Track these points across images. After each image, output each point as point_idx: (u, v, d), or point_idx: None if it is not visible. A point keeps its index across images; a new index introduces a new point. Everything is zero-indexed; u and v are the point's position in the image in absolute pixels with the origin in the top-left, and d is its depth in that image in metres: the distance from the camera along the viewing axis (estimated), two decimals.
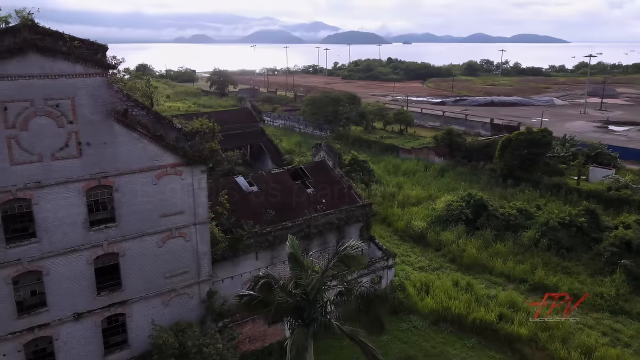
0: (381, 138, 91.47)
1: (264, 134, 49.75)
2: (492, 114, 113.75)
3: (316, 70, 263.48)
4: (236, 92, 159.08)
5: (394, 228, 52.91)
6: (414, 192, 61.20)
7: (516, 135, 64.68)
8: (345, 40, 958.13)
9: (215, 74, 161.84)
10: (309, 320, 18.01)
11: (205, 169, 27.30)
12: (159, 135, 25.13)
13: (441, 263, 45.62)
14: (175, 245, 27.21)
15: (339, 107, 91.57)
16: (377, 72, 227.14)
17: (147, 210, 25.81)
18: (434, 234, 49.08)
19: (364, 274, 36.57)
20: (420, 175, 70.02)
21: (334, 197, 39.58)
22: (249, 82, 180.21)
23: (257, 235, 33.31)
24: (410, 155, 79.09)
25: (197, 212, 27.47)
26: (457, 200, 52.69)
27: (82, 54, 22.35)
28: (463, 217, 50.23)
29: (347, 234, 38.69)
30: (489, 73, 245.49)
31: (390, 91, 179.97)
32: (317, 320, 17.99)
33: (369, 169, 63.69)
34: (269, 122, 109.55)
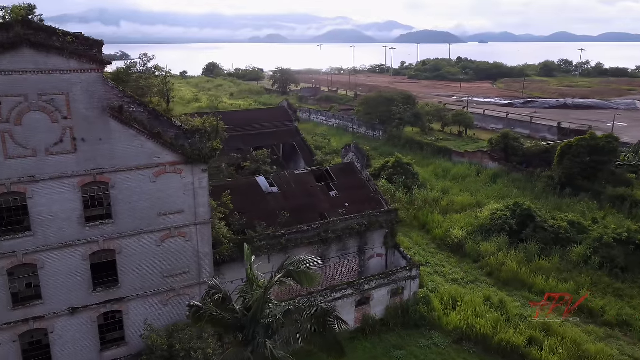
0: (436, 140, 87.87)
1: (298, 133, 48.79)
2: (563, 117, 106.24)
3: (383, 69, 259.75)
4: (297, 91, 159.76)
5: (432, 236, 50.16)
6: (460, 198, 57.87)
7: (577, 140, 59.46)
8: (418, 40, 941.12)
9: (278, 72, 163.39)
10: (248, 340, 16.59)
11: (207, 168, 26.60)
12: (156, 132, 24.72)
13: (477, 276, 42.52)
14: (174, 245, 26.76)
15: (392, 108, 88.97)
16: (444, 72, 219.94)
17: (145, 208, 25.51)
18: (473, 245, 45.90)
19: (383, 284, 34.65)
20: (471, 180, 66.22)
21: (358, 201, 37.83)
22: (311, 81, 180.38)
23: (269, 238, 32.34)
24: (464, 159, 75.19)
25: (198, 211, 26.86)
26: (502, 209, 49.05)
27: (76, 50, 22.28)
28: (507, 228, 46.63)
29: (370, 241, 36.91)
30: (567, 74, 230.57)
31: (456, 91, 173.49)
32: (256, 341, 16.52)
33: (413, 172, 61.08)
34: (324, 121, 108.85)
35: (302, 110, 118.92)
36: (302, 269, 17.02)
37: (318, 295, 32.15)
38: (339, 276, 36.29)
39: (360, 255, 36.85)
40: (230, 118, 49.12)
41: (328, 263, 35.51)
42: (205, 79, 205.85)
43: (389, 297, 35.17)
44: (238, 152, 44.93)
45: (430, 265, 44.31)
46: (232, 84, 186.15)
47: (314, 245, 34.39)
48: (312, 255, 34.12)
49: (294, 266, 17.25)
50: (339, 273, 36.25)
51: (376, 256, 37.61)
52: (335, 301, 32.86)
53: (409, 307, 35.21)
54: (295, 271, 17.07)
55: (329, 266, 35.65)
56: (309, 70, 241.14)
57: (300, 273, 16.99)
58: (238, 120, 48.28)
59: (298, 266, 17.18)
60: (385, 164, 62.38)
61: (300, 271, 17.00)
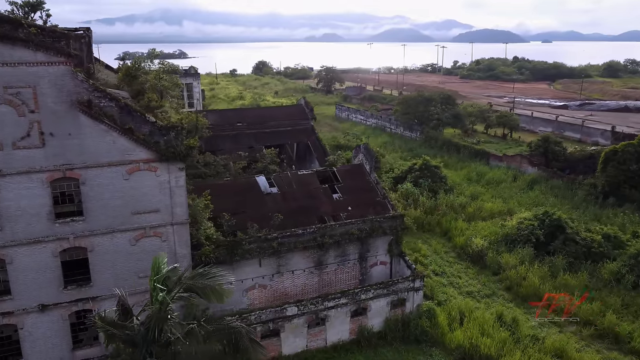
0: (477, 142, 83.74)
1: (313, 132, 47.16)
2: (622, 120, 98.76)
3: (435, 69, 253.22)
4: (342, 90, 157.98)
5: (454, 244, 47.20)
6: (490, 205, 54.34)
7: (623, 146, 54.42)
8: (477, 39, 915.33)
9: (323, 71, 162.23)
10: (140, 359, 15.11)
11: (183, 167, 25.54)
12: (128, 128, 23.88)
13: (494, 290, 39.41)
14: (149, 245, 25.91)
15: (430, 108, 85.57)
16: (498, 72, 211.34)
17: (118, 206, 24.78)
18: (494, 255, 42.68)
19: (382, 294, 32.51)
20: (506, 186, 62.24)
21: (363, 204, 35.82)
22: (356, 79, 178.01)
23: (260, 241, 30.98)
24: (501, 163, 71.03)
25: (175, 211, 25.87)
26: (530, 218, 45.41)
27: (43, 42, 21.78)
28: (533, 239, 43.07)
29: (372, 248, 34.82)
30: (633, 75, 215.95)
31: (509, 92, 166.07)
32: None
33: (441, 175, 58.04)
34: (362, 121, 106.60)
35: (342, 109, 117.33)
36: (206, 284, 15.37)
37: (308, 303, 30.51)
38: (338, 283, 34.46)
39: (362, 263, 34.85)
40: (245, 115, 48.34)
41: (325, 269, 33.76)
42: (253, 77, 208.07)
43: (388, 308, 32.98)
44: (250, 151, 43.94)
45: (445, 276, 41.59)
46: (278, 82, 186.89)
47: (310, 250, 32.74)
48: (308, 260, 33.09)
49: (195, 280, 15.61)
50: (337, 280, 34.42)
51: (379, 264, 35.47)
52: (328, 310, 31.14)
53: (410, 321, 32.89)
54: (198, 286, 15.42)
55: (327, 272, 33.89)
56: (358, 69, 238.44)
57: (204, 288, 15.35)
58: (252, 117, 47.30)
59: (200, 280, 15.54)
60: (412, 166, 59.70)
61: (203, 286, 15.36)
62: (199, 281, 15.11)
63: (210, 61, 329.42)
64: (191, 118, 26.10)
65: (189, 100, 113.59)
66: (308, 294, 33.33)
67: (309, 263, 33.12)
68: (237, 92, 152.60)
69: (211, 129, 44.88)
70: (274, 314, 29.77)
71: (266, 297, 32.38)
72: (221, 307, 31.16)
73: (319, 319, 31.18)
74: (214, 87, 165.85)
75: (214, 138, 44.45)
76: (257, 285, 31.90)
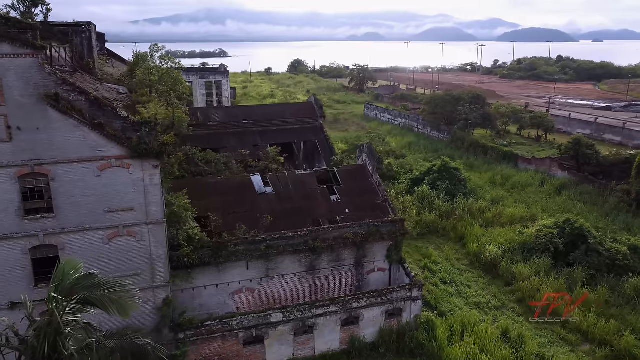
0: (508, 144, 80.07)
1: (321, 131, 45.51)
2: None
3: (474, 68, 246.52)
4: (375, 89, 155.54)
5: (467, 250, 44.68)
6: (511, 210, 51.35)
7: None
8: (523, 38, 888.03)
9: (356, 70, 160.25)
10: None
11: (158, 164, 24.51)
12: (97, 123, 23.02)
13: (505, 302, 36.86)
14: (123, 245, 25.01)
15: (458, 108, 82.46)
16: (540, 72, 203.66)
17: (90, 203, 23.97)
18: (508, 265, 39.99)
19: (375, 303, 30.69)
20: (532, 190, 58.89)
21: (362, 207, 34.04)
22: (389, 78, 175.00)
23: (247, 243, 29.70)
24: (530, 166, 67.41)
25: (149, 210, 24.88)
26: (550, 226, 42.40)
27: (7, 34, 21.11)
28: (551, 248, 40.14)
29: (370, 253, 32.99)
30: None
31: (550, 92, 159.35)
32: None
33: (460, 178, 55.37)
34: (390, 120, 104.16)
35: (371, 108, 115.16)
36: (106, 296, 14.03)
37: (295, 310, 29.04)
38: (332, 289, 32.81)
39: (358, 269, 33.06)
40: (251, 112, 47.25)
41: (318, 274, 32.17)
42: (287, 75, 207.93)
43: (383, 318, 31.11)
44: (255, 149, 42.78)
45: (454, 284, 39.29)
46: (312, 80, 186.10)
47: (301, 254, 31.23)
48: (300, 264, 31.59)
49: (92, 290, 14.26)
50: (331, 286, 32.77)
51: (377, 270, 33.58)
52: (316, 318, 29.59)
53: (406, 332, 30.92)
54: (96, 298, 14.09)
55: (319, 278, 32.29)
56: (395, 69, 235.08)
57: (104, 299, 14.02)
58: (259, 115, 46.10)
59: (97, 291, 14.20)
60: (431, 167, 57.25)
61: (102, 298, 14.02)
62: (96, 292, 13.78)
63: (249, 60, 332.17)
64: (167, 114, 25.05)
65: (218, 98, 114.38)
66: (300, 299, 31.86)
67: (301, 267, 31.63)
68: (269, 91, 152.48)
69: (216, 126, 44.22)
70: (258, 319, 28.46)
71: (254, 301, 31.09)
72: (207, 311, 30.33)
73: (307, 326, 29.66)
74: (247, 85, 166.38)
75: (218, 135, 43.67)
76: (244, 289, 30.66)
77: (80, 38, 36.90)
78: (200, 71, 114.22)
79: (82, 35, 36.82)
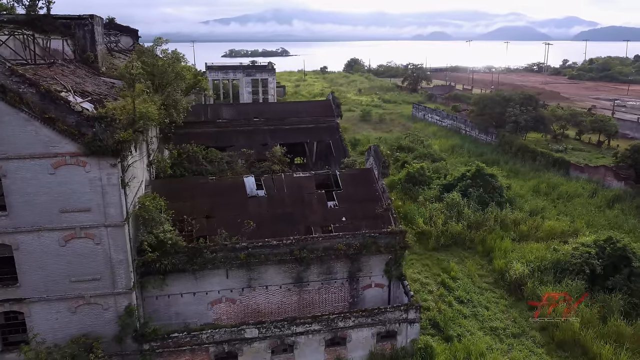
0: (564, 150, 73.32)
1: (337, 130, 42.58)
2: None
3: (540, 68, 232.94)
4: (429, 88, 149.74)
5: (493, 267, 40.30)
6: (551, 223, 46.14)
7: None
8: (602, 37, 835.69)
9: (410, 69, 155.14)
10: None
11: (116, 163, 22.73)
12: (49, 117, 21.53)
13: (526, 328, 32.50)
14: (81, 247, 23.48)
15: (508, 109, 76.55)
16: (614, 72, 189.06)
17: (44, 202, 22.58)
18: (535, 286, 35.42)
19: (365, 323, 27.58)
20: (580, 202, 52.96)
21: (361, 216, 30.95)
22: (444, 78, 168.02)
23: (226, 250, 27.49)
24: (583, 174, 61.01)
25: (108, 212, 23.18)
26: (589, 244, 37.28)
27: None
28: (587, 270, 35.17)
29: (365, 267, 29.86)
30: None
31: (623, 94, 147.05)
32: None
33: (495, 186, 50.58)
34: (437, 121, 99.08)
35: (419, 108, 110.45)
36: None
37: (272, 326, 26.51)
38: (322, 304, 29.97)
39: (352, 283, 30.00)
40: (263, 110, 45.17)
41: (307, 287, 29.42)
42: (342, 74, 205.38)
43: (374, 340, 27.95)
44: (264, 148, 40.66)
45: (471, 305, 35.30)
46: (366, 79, 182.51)
47: (287, 264, 28.62)
48: (285, 275, 28.99)
49: None
50: (321, 301, 29.92)
51: (374, 286, 30.36)
52: (296, 336, 26.93)
53: (399, 358, 27.61)
54: None
55: (308, 291, 29.52)
56: (455, 68, 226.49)
57: None
58: (271, 112, 43.90)
59: None
60: (464, 173, 52.80)
61: None
62: None
63: (309, 58, 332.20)
64: (128, 108, 23.24)
65: (264, 96, 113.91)
66: (286, 313, 29.30)
67: (287, 279, 29.02)
68: (319, 89, 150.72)
69: (225, 123, 42.47)
70: (230, 334, 26.18)
71: (235, 312, 28.84)
72: (184, 320, 28.44)
73: (286, 345, 27.05)
74: (299, 84, 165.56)
75: (226, 133, 41.94)
76: (224, 299, 28.47)
77: (82, 31, 36.25)
78: (246, 69, 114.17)
79: (84, 29, 36.16)
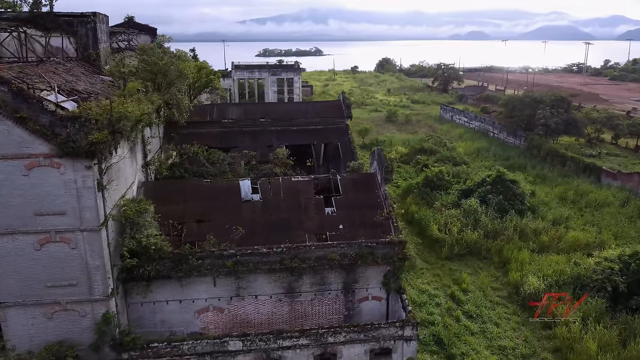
0: (598, 155, 69.42)
1: (346, 132, 40.86)
2: None
3: (580, 69, 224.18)
4: (460, 89, 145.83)
5: (508, 280, 37.86)
6: (575, 234, 43.22)
7: None
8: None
9: (440, 69, 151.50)
10: None
11: (91, 165, 21.79)
12: (20, 117, 20.73)
13: (537, 349, 30.14)
14: (57, 252, 22.65)
15: (538, 111, 73.04)
16: None
17: (18, 204, 21.83)
18: (551, 302, 32.90)
19: (357, 339, 25.87)
20: (610, 211, 49.63)
21: (360, 223, 29.25)
22: (477, 78, 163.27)
23: (212, 257, 26.29)
24: (615, 181, 57.40)
25: (83, 216, 22.26)
26: (612, 259, 34.48)
27: None
28: (609, 287, 32.44)
29: (362, 279, 28.15)
30: None
31: None
32: None
33: (517, 192, 47.82)
34: (465, 123, 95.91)
35: (446, 109, 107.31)
36: None
37: (257, 339, 25.13)
38: (316, 316, 28.42)
39: (347, 295, 28.32)
40: (270, 110, 43.86)
41: (299, 298, 27.92)
42: (373, 74, 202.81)
43: (367, 358, 26.20)
44: (268, 150, 39.38)
45: (480, 320, 33.10)
46: (396, 79, 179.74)
47: (278, 273, 27.19)
48: (276, 285, 27.58)
49: None
50: (315, 312, 28.36)
51: (371, 299, 28.58)
52: (283, 350, 25.48)
53: None
54: None
55: (300, 302, 28.01)
56: (490, 68, 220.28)
57: None
58: (279, 113, 42.52)
59: None
60: (484, 178, 50.22)
61: None
62: None
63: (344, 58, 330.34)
64: (105, 108, 22.26)
65: (289, 95, 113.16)
66: (277, 324, 27.91)
67: (277, 289, 27.59)
68: (348, 89, 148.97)
69: (230, 124, 41.39)
70: (213, 346, 24.94)
71: (223, 322, 27.61)
72: (170, 329, 27.43)
73: (272, 359, 25.64)
74: (328, 84, 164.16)
75: (231, 134, 40.87)
76: (211, 308, 27.28)
77: (85, 29, 35.80)
78: (272, 68, 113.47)
79: (87, 26, 35.69)
